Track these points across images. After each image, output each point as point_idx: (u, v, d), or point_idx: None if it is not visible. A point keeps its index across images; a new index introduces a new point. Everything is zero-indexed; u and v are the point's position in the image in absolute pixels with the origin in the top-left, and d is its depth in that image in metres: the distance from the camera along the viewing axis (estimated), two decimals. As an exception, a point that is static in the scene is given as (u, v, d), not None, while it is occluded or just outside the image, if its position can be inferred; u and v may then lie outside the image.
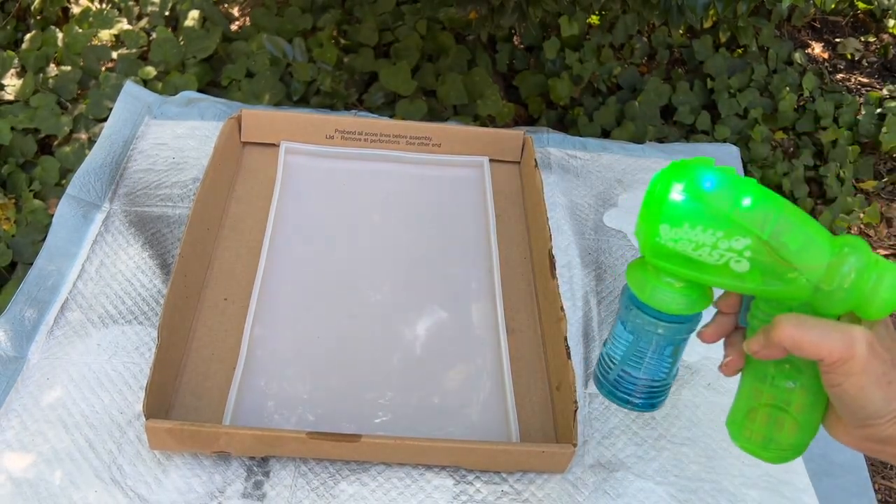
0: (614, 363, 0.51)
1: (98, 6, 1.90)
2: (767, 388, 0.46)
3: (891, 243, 1.84)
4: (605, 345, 0.52)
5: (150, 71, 1.72)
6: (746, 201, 0.41)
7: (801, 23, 2.37)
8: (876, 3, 2.39)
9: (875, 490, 1.41)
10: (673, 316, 0.47)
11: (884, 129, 1.97)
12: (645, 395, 0.51)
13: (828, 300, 0.41)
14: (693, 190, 0.41)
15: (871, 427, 0.41)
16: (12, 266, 1.43)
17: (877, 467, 1.41)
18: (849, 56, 2.32)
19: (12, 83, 1.67)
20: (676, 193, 0.42)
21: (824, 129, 1.99)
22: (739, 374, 0.48)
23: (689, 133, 1.91)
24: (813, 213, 1.84)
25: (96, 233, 0.81)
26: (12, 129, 1.58)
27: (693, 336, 0.50)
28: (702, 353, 0.75)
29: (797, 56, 2.14)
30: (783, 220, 0.41)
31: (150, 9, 1.87)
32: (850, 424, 0.43)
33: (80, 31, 1.79)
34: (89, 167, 0.87)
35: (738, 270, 0.42)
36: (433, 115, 1.76)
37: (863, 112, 2.04)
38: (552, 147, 0.98)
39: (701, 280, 0.44)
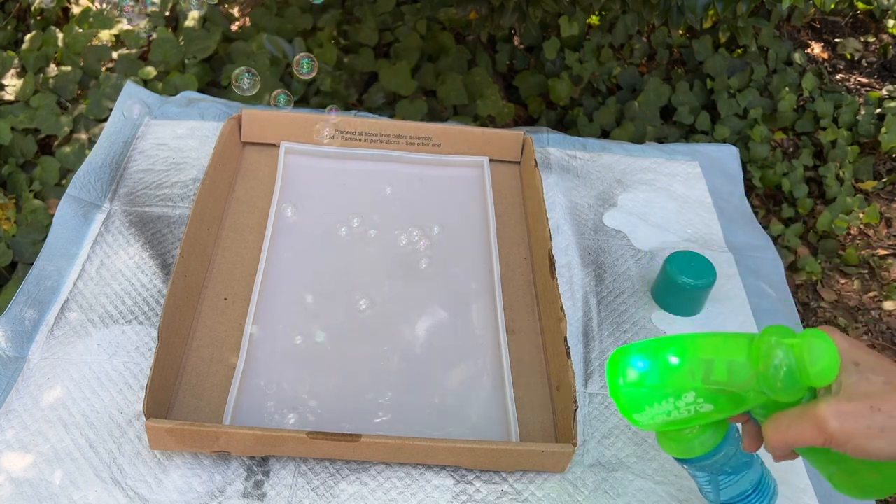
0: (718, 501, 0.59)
1: (98, 6, 1.90)
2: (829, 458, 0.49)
3: (890, 243, 1.84)
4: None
5: (150, 71, 1.72)
6: (674, 360, 0.47)
7: (800, 23, 2.37)
8: (876, 3, 2.39)
9: (875, 490, 1.40)
10: (709, 452, 0.53)
11: (883, 129, 1.97)
12: (753, 500, 0.58)
13: (782, 395, 0.45)
14: (631, 381, 0.48)
15: None
16: (12, 266, 1.43)
17: (876, 467, 1.41)
18: (848, 56, 2.32)
19: (12, 83, 1.67)
20: (623, 388, 0.48)
21: (824, 129, 1.99)
22: None
23: (689, 133, 1.91)
24: (813, 212, 1.84)
25: (96, 233, 0.81)
26: (12, 129, 1.58)
27: None
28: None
29: (797, 56, 2.15)
30: (705, 363, 0.46)
31: (150, 9, 1.86)
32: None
33: (80, 31, 1.79)
34: (89, 167, 0.87)
35: (707, 411, 0.47)
36: (433, 115, 1.76)
37: (862, 112, 2.04)
38: (552, 147, 0.98)
39: (695, 424, 0.50)
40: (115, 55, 1.78)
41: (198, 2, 0.72)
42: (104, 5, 1.78)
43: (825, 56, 2.32)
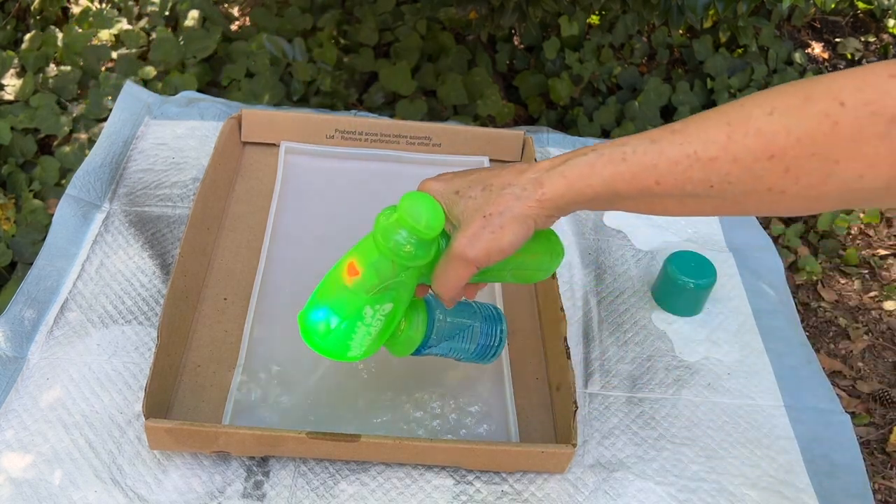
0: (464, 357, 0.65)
1: (98, 6, 1.90)
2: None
3: (891, 243, 1.84)
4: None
5: (150, 71, 1.72)
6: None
7: (801, 23, 2.37)
8: (876, 3, 2.39)
9: (875, 490, 1.41)
10: (428, 330, 0.59)
11: (884, 129, 1.97)
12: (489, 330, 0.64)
13: (423, 259, 0.51)
14: (323, 332, 0.53)
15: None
16: (12, 266, 1.43)
17: (877, 467, 1.41)
18: (849, 56, 2.32)
19: (12, 83, 1.67)
20: (323, 342, 0.53)
21: (824, 129, 1.98)
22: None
23: (689, 133, 1.91)
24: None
25: (96, 233, 0.81)
26: (12, 129, 1.58)
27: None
28: (702, 354, 0.75)
29: (797, 56, 2.15)
30: (361, 278, 0.52)
31: (150, 9, 1.87)
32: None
33: (80, 31, 1.79)
34: (89, 167, 0.87)
35: (392, 309, 0.53)
36: (433, 115, 1.76)
37: (863, 112, 2.03)
38: (552, 147, 0.98)
39: (396, 323, 0.55)
40: (114, 55, 1.78)
41: None
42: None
43: (825, 56, 2.32)
